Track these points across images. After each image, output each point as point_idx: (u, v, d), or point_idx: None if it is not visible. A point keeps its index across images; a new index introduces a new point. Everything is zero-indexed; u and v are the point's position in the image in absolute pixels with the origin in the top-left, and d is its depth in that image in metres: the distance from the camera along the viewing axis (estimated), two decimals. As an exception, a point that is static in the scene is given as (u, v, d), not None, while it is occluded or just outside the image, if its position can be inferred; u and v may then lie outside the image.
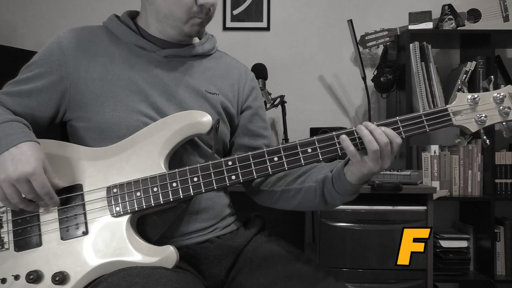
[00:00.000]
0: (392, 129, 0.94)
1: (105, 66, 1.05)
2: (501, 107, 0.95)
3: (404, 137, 0.95)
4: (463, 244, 2.14)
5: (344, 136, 0.93)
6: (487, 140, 0.98)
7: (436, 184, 2.18)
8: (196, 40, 1.19)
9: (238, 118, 1.18)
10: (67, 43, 1.06)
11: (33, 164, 0.88)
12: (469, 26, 2.28)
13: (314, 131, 2.14)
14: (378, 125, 0.93)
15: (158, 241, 0.96)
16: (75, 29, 1.10)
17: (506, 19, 2.29)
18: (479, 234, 2.24)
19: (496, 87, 0.98)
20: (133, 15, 1.16)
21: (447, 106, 0.96)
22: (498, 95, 0.95)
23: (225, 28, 2.50)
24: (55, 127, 1.10)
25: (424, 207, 1.75)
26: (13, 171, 0.88)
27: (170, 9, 1.04)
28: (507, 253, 2.21)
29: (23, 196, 0.90)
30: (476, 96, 0.95)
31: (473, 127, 0.96)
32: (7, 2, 2.53)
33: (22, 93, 1.03)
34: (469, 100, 0.96)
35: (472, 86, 2.21)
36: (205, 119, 1.00)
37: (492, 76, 0.99)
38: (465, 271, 2.17)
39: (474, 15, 2.31)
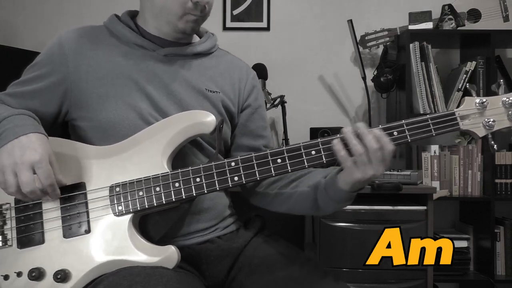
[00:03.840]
0: (398, 132, 0.92)
1: (106, 66, 1.06)
2: (510, 112, 0.93)
3: (410, 140, 0.93)
4: (463, 244, 2.15)
5: (336, 141, 0.92)
6: (495, 145, 0.95)
7: (436, 184, 2.18)
8: (196, 38, 1.20)
9: (238, 117, 1.18)
10: (67, 43, 1.07)
11: (40, 153, 0.89)
12: (469, 26, 2.28)
13: (314, 131, 2.13)
14: (379, 129, 0.91)
15: (160, 241, 0.96)
16: (76, 29, 1.10)
17: (506, 19, 2.29)
18: (479, 234, 2.24)
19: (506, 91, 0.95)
20: (133, 14, 1.16)
21: (455, 110, 0.94)
22: (507, 99, 0.93)
23: (225, 28, 2.50)
24: (56, 127, 1.11)
25: (424, 207, 1.75)
26: (20, 157, 0.88)
27: (165, 2, 1.04)
28: (507, 253, 2.21)
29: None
30: (484, 100, 0.93)
31: (481, 132, 0.94)
32: (7, 2, 2.53)
33: (24, 94, 1.04)
34: (477, 104, 0.93)
35: (472, 86, 2.21)
36: (209, 119, 0.99)
37: (501, 80, 0.96)
38: (465, 271, 2.17)
39: (474, 15, 2.31)
